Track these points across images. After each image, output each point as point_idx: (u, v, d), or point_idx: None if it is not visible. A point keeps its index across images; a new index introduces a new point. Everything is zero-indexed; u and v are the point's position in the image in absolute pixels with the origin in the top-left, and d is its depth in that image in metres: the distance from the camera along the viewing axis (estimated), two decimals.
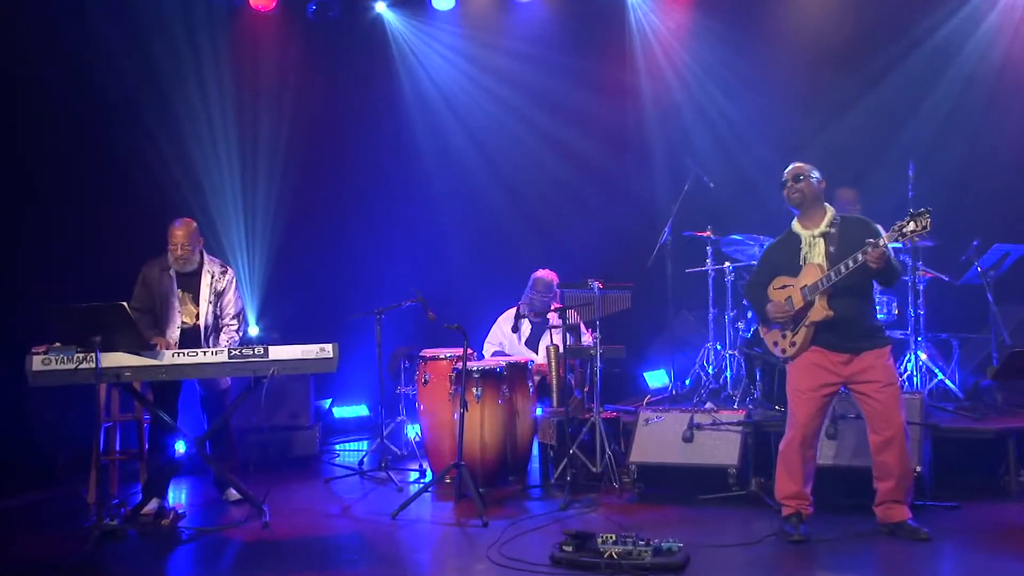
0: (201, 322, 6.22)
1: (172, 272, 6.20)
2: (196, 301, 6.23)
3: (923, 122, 8.29)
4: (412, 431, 7.75)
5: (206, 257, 6.34)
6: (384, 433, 7.17)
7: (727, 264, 7.74)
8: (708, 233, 7.80)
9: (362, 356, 8.14)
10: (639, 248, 8.24)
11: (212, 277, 6.27)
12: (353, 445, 8.41)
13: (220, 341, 6.20)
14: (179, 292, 6.19)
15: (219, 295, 6.27)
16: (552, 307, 7.14)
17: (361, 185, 9.18)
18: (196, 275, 6.26)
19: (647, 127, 9.38)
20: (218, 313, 6.27)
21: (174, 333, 6.14)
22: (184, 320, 6.20)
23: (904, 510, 5.07)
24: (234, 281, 6.37)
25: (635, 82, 9.32)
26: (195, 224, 6.28)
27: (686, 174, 8.05)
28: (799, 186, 5.15)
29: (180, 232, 6.15)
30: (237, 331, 6.30)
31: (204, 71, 8.42)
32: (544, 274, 7.37)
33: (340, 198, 9.10)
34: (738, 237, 7.60)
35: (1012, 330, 7.19)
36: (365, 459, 7.41)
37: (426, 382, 6.80)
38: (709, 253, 7.86)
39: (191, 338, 6.18)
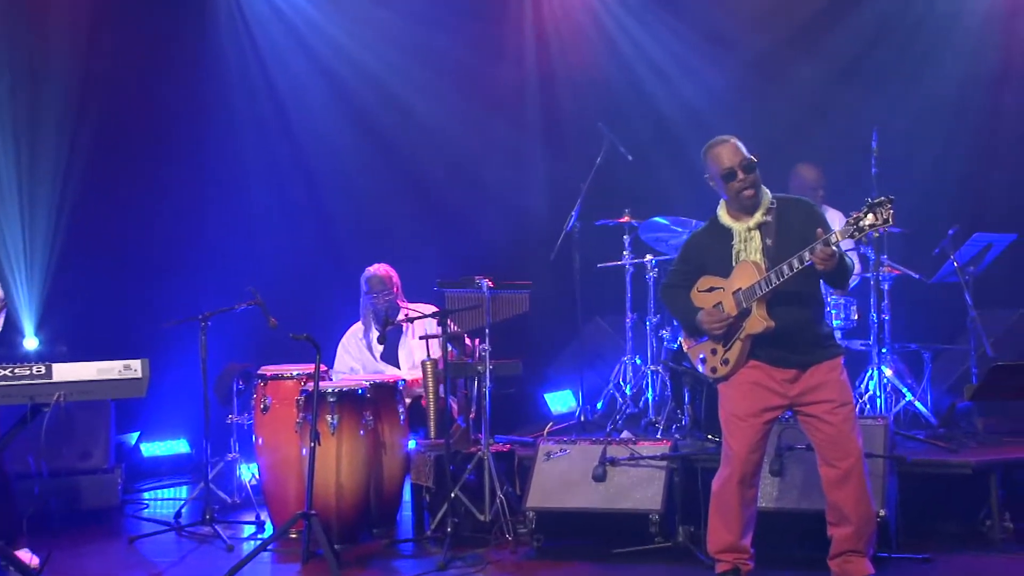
0: None
1: None
2: None
3: (890, 85, 8.54)
4: (247, 472, 7.65)
5: None
6: (210, 475, 7.05)
7: (649, 257, 7.81)
8: (626, 218, 7.87)
9: (181, 375, 8.00)
10: (539, 238, 8.28)
11: None
12: (168, 492, 8.28)
13: None
14: None
15: None
16: (401, 306, 7.15)
17: (180, 163, 8.99)
18: None
19: (548, 86, 9.42)
20: None
21: None
22: None
23: (865, 564, 5.16)
24: None
25: (534, 28, 9.35)
26: None
27: (598, 144, 8.10)
28: (752, 178, 5.09)
29: None
30: None
31: None
32: (376, 269, 7.35)
33: (151, 178, 8.88)
34: (662, 221, 7.67)
35: (995, 340, 7.39)
36: (184, 510, 7.27)
37: (266, 408, 6.70)
38: (627, 243, 7.93)
39: None
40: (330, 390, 6.44)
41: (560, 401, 8.84)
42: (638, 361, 8.01)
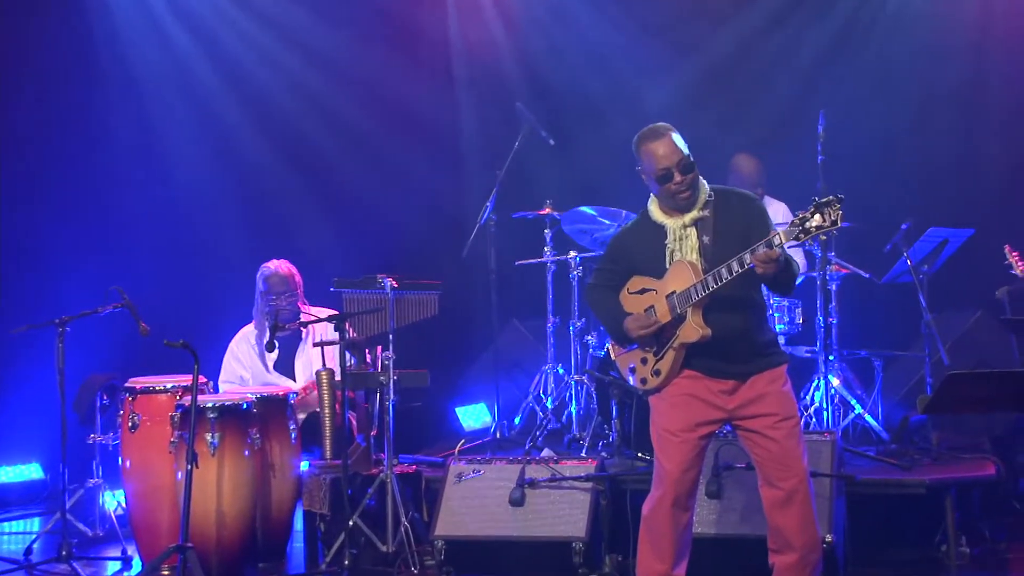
0: None
1: None
2: None
3: (838, 67, 8.73)
4: (112, 500, 7.56)
5: None
6: (67, 505, 6.96)
7: (572, 253, 7.89)
8: (547, 210, 7.92)
9: (33, 389, 7.94)
10: (450, 232, 8.29)
11: None
12: (17, 525, 8.19)
13: None
14: None
15: None
16: (302, 309, 7.14)
17: (36, 145, 8.88)
18: None
19: (461, 59, 9.45)
20: None
21: None
22: None
23: None
24: None
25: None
26: None
27: (516, 126, 8.14)
28: (691, 178, 5.10)
29: None
30: None
31: None
32: (276, 266, 7.27)
33: None
34: (589, 212, 7.73)
35: (952, 345, 7.58)
36: (36, 545, 7.16)
37: (134, 426, 6.64)
38: (548, 238, 7.99)
39: None
40: (210, 404, 6.38)
41: (473, 416, 8.87)
42: (560, 370, 8.07)
